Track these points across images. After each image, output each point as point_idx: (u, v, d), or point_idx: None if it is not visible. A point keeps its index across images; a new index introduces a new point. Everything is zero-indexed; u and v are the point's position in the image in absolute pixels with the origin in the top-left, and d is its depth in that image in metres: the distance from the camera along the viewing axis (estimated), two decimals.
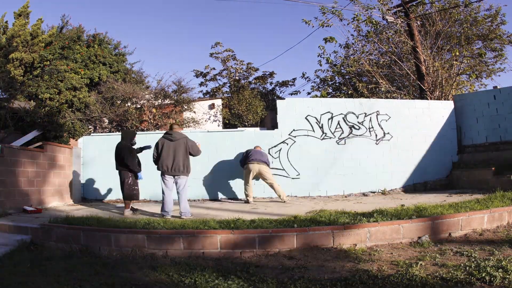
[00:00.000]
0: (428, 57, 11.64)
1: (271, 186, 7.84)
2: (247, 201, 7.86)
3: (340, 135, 8.96)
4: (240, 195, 8.45)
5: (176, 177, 6.00)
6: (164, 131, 7.05)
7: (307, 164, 8.70)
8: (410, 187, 8.94)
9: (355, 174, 8.82)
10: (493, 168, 7.95)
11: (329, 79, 15.91)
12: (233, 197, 8.59)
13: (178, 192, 6.03)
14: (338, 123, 8.99)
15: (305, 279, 3.40)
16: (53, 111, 8.84)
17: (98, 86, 10.33)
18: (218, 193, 8.64)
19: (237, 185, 8.55)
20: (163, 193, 6.05)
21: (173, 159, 5.95)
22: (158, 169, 6.13)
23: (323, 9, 11.89)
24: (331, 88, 16.33)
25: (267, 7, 53.00)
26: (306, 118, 8.89)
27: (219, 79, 22.01)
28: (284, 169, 8.72)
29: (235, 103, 16.91)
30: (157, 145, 6.15)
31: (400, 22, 12.04)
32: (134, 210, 6.61)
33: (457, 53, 11.53)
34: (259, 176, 7.90)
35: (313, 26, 11.98)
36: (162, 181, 6.07)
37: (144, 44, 53.92)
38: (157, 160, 6.12)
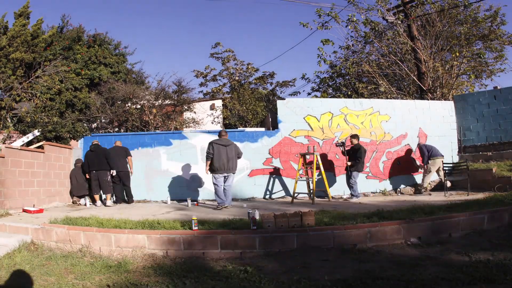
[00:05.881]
0: (428, 57, 11.63)
1: None
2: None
3: (340, 135, 8.95)
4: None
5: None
6: (165, 131, 7.04)
7: None
8: (410, 187, 8.93)
9: None
10: (493, 168, 7.94)
11: (328, 80, 15.89)
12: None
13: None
14: (338, 123, 8.99)
15: (305, 280, 3.39)
16: (54, 112, 8.84)
17: (98, 87, 10.34)
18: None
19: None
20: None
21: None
22: None
23: (318, 12, 11.89)
24: (331, 88, 16.32)
25: (267, 7, 53.04)
26: (306, 118, 8.89)
27: (219, 80, 22.02)
28: (284, 169, 8.71)
29: (235, 104, 16.88)
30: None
31: (399, 23, 12.02)
32: None
33: (457, 54, 11.52)
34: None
35: (311, 29, 11.99)
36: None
37: (144, 44, 53.98)
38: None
